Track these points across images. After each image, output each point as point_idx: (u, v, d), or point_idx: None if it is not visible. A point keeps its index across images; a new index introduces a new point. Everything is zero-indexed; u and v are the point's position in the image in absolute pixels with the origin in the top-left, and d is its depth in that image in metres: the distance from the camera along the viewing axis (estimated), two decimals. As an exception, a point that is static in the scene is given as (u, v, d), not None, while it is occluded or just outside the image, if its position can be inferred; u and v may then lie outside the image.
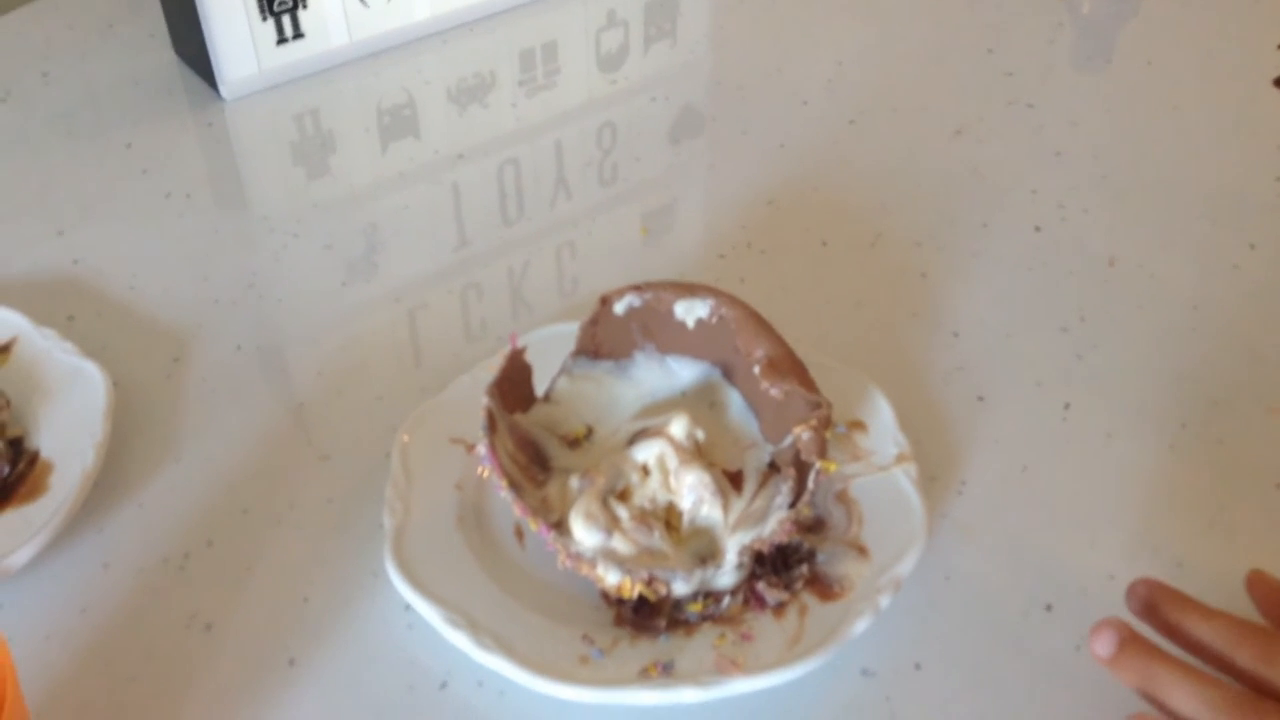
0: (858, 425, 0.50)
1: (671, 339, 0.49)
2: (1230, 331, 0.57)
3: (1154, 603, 0.39)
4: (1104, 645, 0.38)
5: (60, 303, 0.58)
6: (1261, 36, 0.79)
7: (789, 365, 0.46)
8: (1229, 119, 0.72)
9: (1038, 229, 0.64)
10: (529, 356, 0.48)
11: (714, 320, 0.48)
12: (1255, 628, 0.38)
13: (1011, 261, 0.61)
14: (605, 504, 0.44)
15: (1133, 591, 0.40)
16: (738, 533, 0.44)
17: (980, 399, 0.54)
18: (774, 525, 0.43)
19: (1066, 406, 0.53)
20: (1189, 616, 0.39)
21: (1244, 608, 0.42)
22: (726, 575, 0.44)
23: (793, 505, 0.43)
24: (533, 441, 0.47)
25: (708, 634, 0.42)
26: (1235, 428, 0.52)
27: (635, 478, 0.45)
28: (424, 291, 0.60)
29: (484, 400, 0.45)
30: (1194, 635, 0.38)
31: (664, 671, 0.41)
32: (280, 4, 0.70)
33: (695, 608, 0.43)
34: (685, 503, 0.45)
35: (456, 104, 0.73)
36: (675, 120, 0.72)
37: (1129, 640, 0.37)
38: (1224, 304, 0.59)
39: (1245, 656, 0.37)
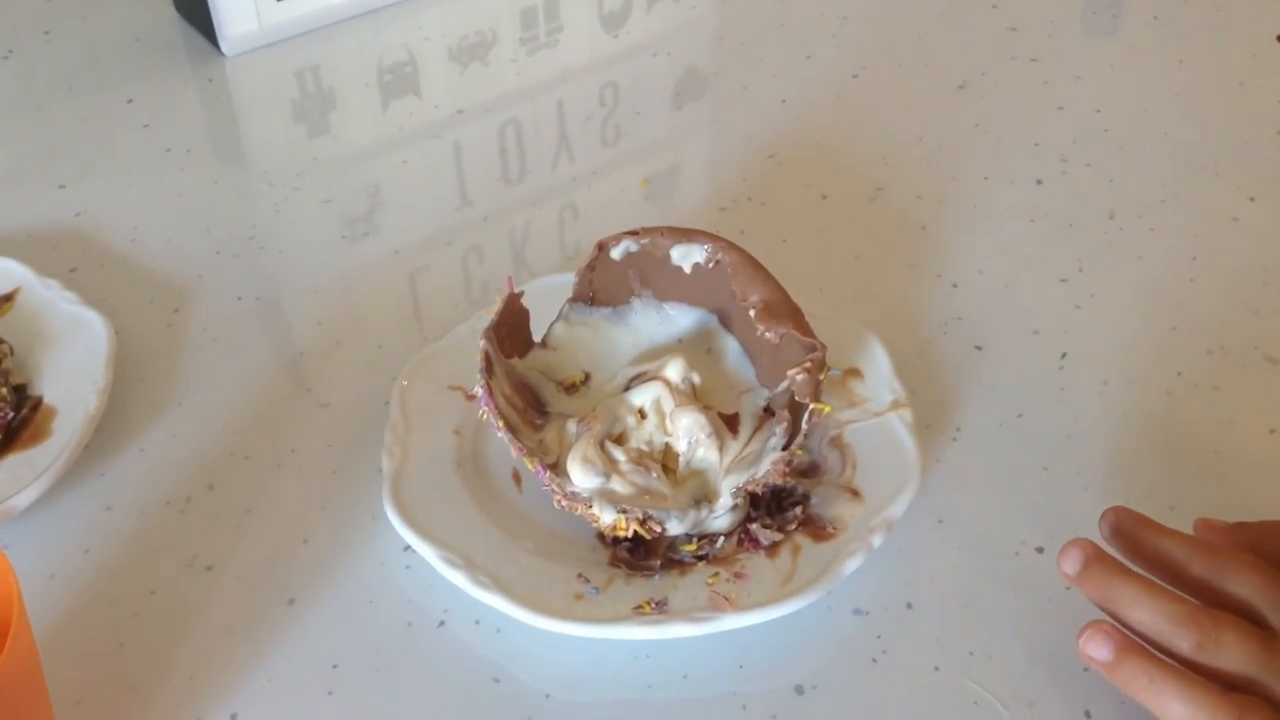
0: (854, 373, 0.50)
1: (668, 285, 0.49)
2: (1228, 283, 0.57)
3: (1120, 526, 0.41)
4: (1070, 563, 0.40)
5: (63, 254, 0.58)
6: (1268, -8, 0.79)
7: (785, 309, 0.46)
8: (1232, 74, 0.71)
9: (1039, 182, 0.63)
10: (527, 303, 0.48)
11: (710, 265, 0.48)
12: (1207, 545, 0.40)
13: (1012, 214, 0.61)
14: (602, 447, 0.44)
15: (1104, 517, 0.42)
16: (732, 474, 0.44)
17: (978, 348, 0.54)
18: (767, 466, 0.43)
19: (1064, 355, 0.53)
20: (1148, 533, 0.41)
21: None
22: (721, 518, 0.44)
23: (786, 446, 0.44)
24: (530, 386, 0.48)
25: (702, 573, 0.43)
26: (1231, 376, 0.52)
27: (632, 421, 0.46)
28: (425, 247, 0.60)
29: (481, 343, 0.45)
30: (1152, 550, 0.40)
31: (658, 608, 0.41)
32: (281, -41, 0.70)
33: (689, 548, 0.44)
34: (681, 445, 0.45)
35: (458, 62, 0.73)
36: (678, 77, 0.72)
37: (1093, 558, 0.39)
38: (1223, 256, 0.59)
39: (1197, 567, 0.39)
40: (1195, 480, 0.48)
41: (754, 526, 0.44)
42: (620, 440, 0.45)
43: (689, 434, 0.45)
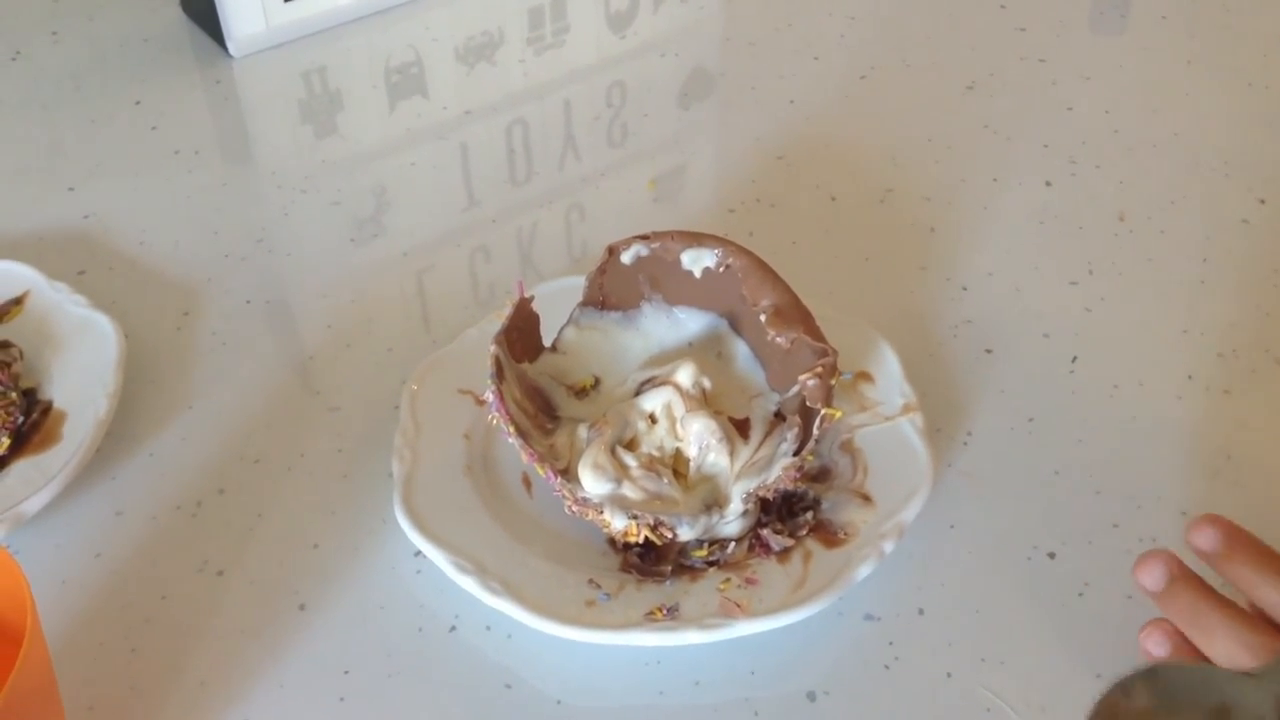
0: (864, 376, 0.50)
1: (678, 290, 0.49)
2: (1238, 285, 0.57)
3: (1228, 549, 0.37)
4: (1152, 578, 0.37)
5: (71, 257, 0.58)
6: (1278, -9, 0.78)
7: (796, 314, 0.46)
8: (1242, 74, 0.71)
9: (1048, 183, 0.63)
10: (537, 307, 0.48)
11: (721, 270, 0.48)
12: None
13: (1021, 216, 0.61)
14: (613, 453, 0.44)
15: (1199, 528, 0.38)
16: (743, 480, 0.44)
17: (988, 351, 0.54)
18: (779, 471, 0.43)
19: (1074, 359, 0.53)
20: (1265, 562, 0.36)
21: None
22: (732, 523, 0.44)
23: (798, 452, 0.43)
24: (540, 391, 0.48)
25: (713, 579, 0.43)
26: (1242, 379, 0.52)
27: (642, 426, 0.46)
28: (432, 249, 0.60)
29: (491, 348, 0.45)
30: (1255, 594, 0.36)
31: (669, 614, 0.41)
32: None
33: (701, 554, 0.44)
34: (692, 450, 0.45)
35: (465, 62, 0.73)
36: (685, 78, 0.72)
37: (1179, 577, 0.37)
38: (1232, 258, 0.59)
39: None
40: (1206, 484, 0.48)
41: (765, 532, 0.44)
42: (631, 445, 0.45)
43: (700, 439, 0.45)
